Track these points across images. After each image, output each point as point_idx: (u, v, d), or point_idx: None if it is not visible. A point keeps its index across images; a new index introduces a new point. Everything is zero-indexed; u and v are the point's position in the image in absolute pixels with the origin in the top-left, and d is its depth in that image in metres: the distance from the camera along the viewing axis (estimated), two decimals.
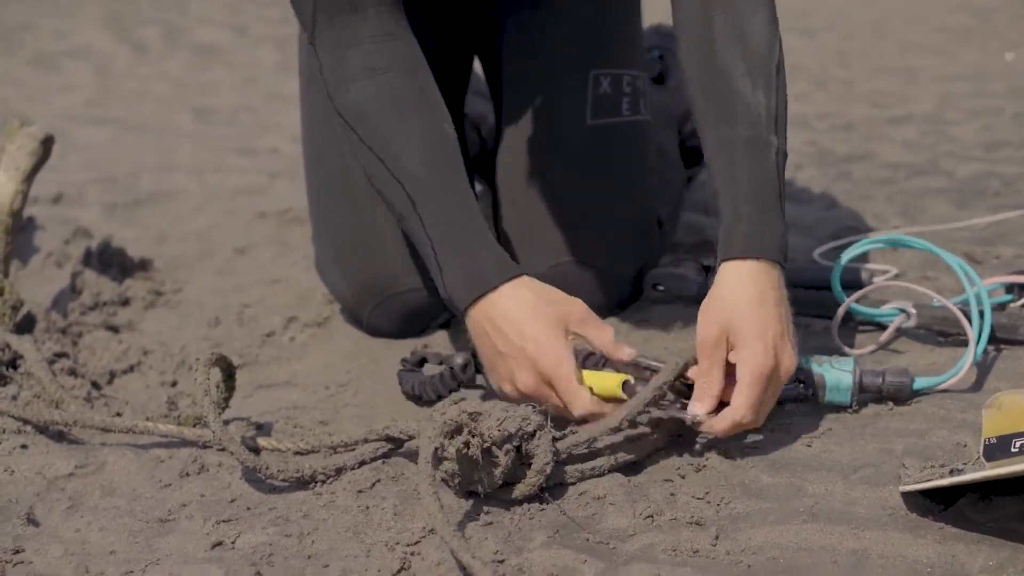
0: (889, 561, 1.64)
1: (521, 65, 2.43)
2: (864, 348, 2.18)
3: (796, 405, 2.00)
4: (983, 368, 2.09)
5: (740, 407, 1.84)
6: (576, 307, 1.93)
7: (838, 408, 1.99)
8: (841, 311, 2.18)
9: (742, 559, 1.66)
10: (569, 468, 1.84)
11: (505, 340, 1.89)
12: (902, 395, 1.98)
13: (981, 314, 2.07)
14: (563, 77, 2.41)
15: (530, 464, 1.78)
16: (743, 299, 1.87)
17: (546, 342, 1.87)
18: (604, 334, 1.92)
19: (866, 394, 1.99)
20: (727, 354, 1.86)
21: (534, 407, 1.80)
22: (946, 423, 1.93)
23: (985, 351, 2.13)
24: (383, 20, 2.02)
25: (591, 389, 1.87)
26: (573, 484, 1.84)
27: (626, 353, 1.92)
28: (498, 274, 1.92)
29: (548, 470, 1.78)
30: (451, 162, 2.01)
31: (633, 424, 1.89)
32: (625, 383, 1.89)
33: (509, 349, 1.89)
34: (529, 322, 1.88)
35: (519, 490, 1.79)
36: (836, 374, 1.97)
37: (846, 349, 2.17)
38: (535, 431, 1.77)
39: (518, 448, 1.77)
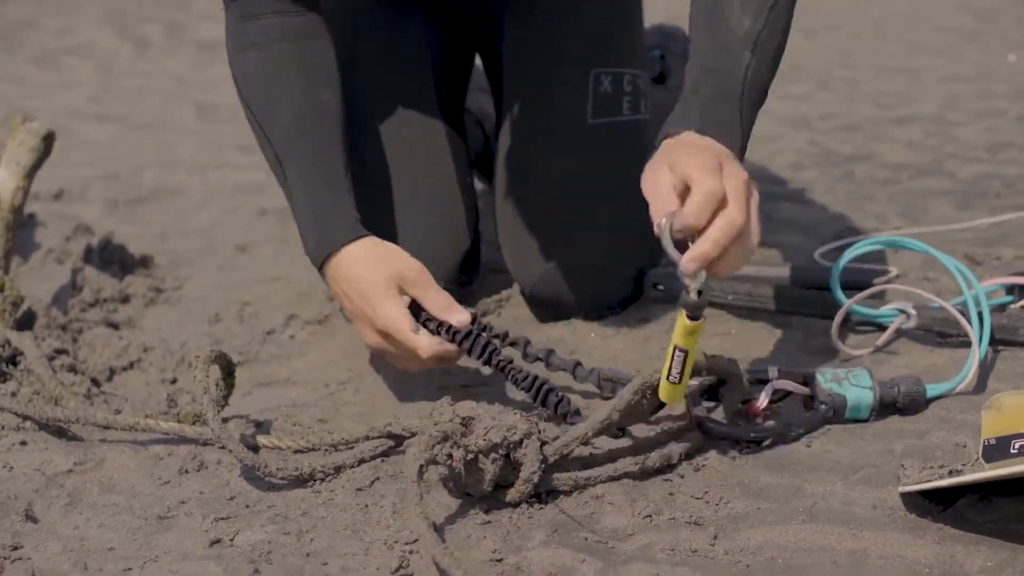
0: (888, 562, 1.64)
1: (522, 63, 2.43)
2: (864, 349, 2.18)
3: (794, 406, 1.99)
4: (983, 369, 2.09)
5: (703, 242, 1.75)
6: (410, 268, 2.02)
7: (856, 422, 1.97)
8: (842, 313, 2.18)
9: (741, 559, 1.66)
10: (561, 476, 1.81)
11: (350, 301, 2.03)
12: (917, 404, 1.98)
13: (980, 316, 2.06)
14: (564, 75, 2.40)
15: (519, 471, 1.78)
16: (688, 144, 1.83)
17: (379, 302, 1.99)
18: (437, 297, 2.01)
19: (883, 406, 1.98)
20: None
21: (522, 415, 1.79)
22: (945, 424, 1.93)
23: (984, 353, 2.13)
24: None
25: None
26: (566, 492, 1.82)
27: (457, 319, 1.99)
28: (344, 234, 2.05)
29: (535, 479, 1.77)
30: (320, 123, 2.13)
31: (616, 426, 1.88)
32: None
33: (354, 309, 2.03)
34: (365, 281, 2.00)
35: (511, 496, 1.79)
36: (856, 392, 1.95)
37: (847, 351, 2.16)
38: (522, 439, 1.76)
39: (507, 455, 1.77)
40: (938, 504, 1.73)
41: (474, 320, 2.02)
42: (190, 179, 3.48)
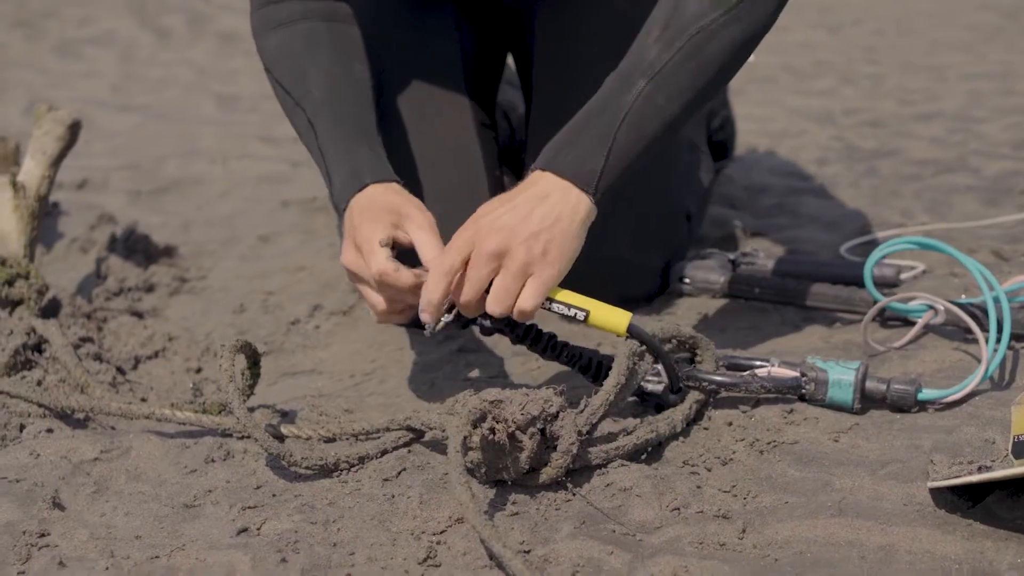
0: (916, 557, 1.63)
1: (551, 57, 2.42)
2: (893, 344, 2.17)
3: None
4: (1011, 365, 2.08)
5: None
6: (415, 207, 1.98)
7: (841, 408, 1.97)
8: (876, 309, 2.17)
9: (769, 553, 1.65)
10: (593, 450, 1.83)
11: (349, 224, 1.98)
12: (905, 404, 1.96)
13: (1000, 325, 2.04)
14: (592, 69, 2.39)
15: (555, 447, 1.78)
16: (484, 207, 1.91)
17: (367, 220, 1.94)
18: (427, 240, 1.95)
19: (870, 399, 1.97)
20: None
21: (555, 389, 1.80)
22: (974, 419, 1.92)
23: (1010, 347, 2.12)
24: None
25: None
26: (599, 467, 1.83)
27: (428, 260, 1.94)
28: (371, 174, 2.01)
29: (575, 450, 1.77)
30: (353, 90, 2.13)
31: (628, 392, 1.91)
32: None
33: (347, 230, 1.98)
34: (367, 214, 1.96)
35: (546, 474, 1.78)
36: (839, 371, 1.96)
37: (875, 347, 2.16)
38: (558, 412, 1.77)
39: (542, 431, 1.77)
40: (967, 500, 1.72)
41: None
42: (212, 169, 3.48)
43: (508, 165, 2.73)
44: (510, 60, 2.68)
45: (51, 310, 2.38)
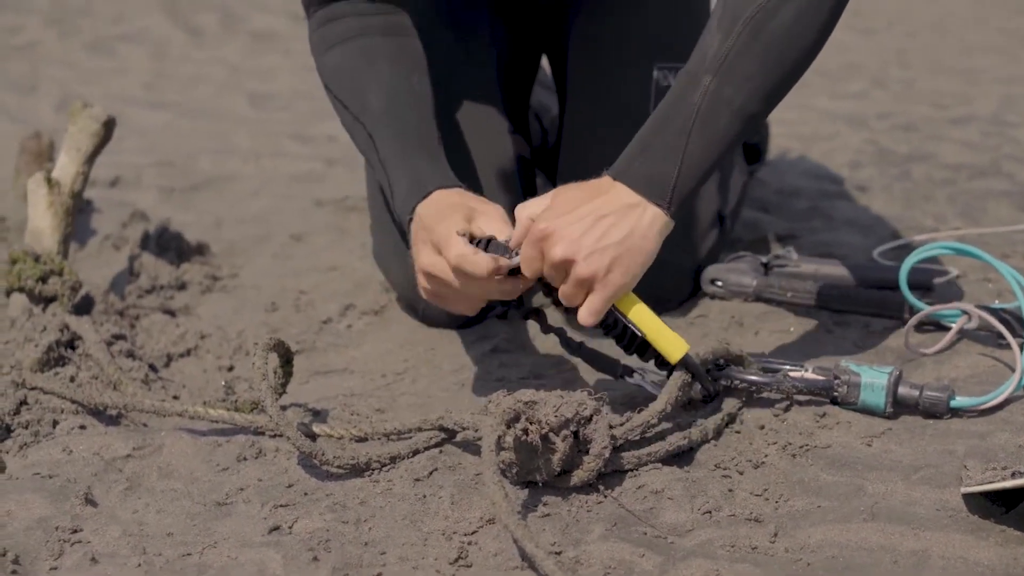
0: (950, 563, 1.63)
1: (587, 58, 2.42)
2: (926, 349, 2.16)
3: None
4: None
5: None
6: (481, 201, 1.98)
7: (873, 413, 1.96)
8: (918, 318, 2.17)
9: (801, 557, 1.65)
10: (625, 455, 1.84)
11: (420, 229, 1.96)
12: (937, 411, 1.96)
13: None
14: (627, 71, 2.40)
15: (587, 450, 1.78)
16: (564, 198, 1.91)
17: (439, 222, 1.93)
18: (492, 217, 1.96)
19: (902, 405, 1.97)
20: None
21: (589, 392, 1.80)
22: (1008, 425, 1.92)
23: None
24: (372, 2, 2.17)
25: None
26: (631, 471, 1.84)
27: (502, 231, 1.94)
28: (433, 181, 2.00)
29: (607, 454, 1.78)
30: (412, 102, 2.13)
31: (678, 408, 1.93)
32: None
33: (419, 235, 1.96)
34: (439, 214, 1.94)
35: (578, 476, 1.79)
36: (872, 375, 1.95)
37: (917, 352, 2.15)
38: (591, 415, 1.77)
39: (575, 434, 1.77)
40: (1000, 506, 1.72)
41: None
42: (244, 167, 3.48)
43: (540, 167, 2.72)
44: (544, 62, 2.68)
45: (84, 307, 2.38)
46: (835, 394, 1.97)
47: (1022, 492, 1.71)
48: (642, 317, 1.91)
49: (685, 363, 1.91)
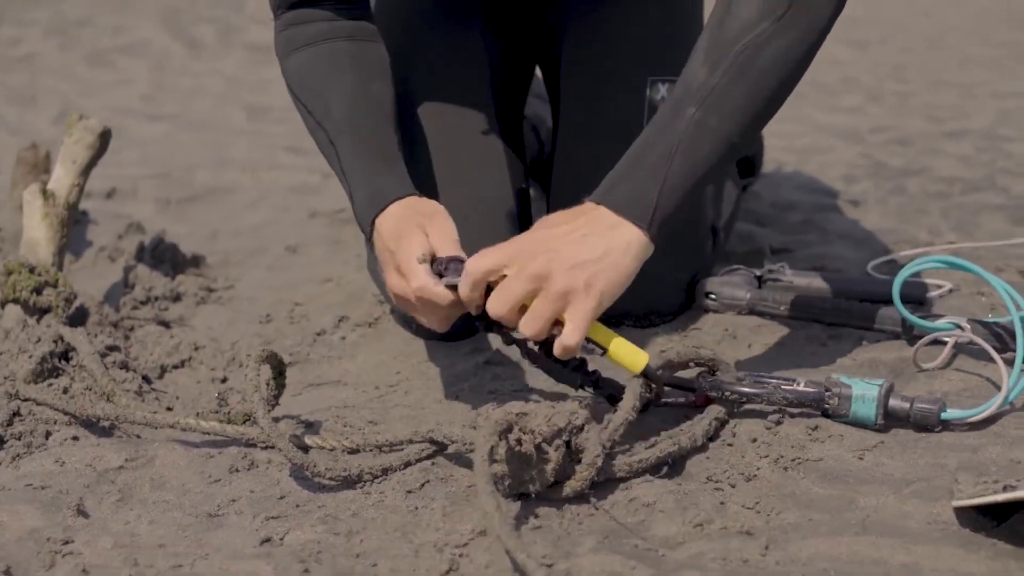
0: (941, 575, 1.63)
1: (580, 70, 2.42)
2: (928, 364, 2.16)
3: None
4: None
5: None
6: (437, 218, 1.99)
7: (863, 425, 1.96)
8: (926, 340, 2.16)
9: (792, 570, 1.65)
10: (617, 462, 1.84)
11: (384, 249, 1.99)
12: (928, 423, 1.95)
13: None
14: (620, 83, 2.40)
15: (579, 459, 1.78)
16: (545, 222, 1.93)
17: (401, 242, 1.95)
18: (444, 228, 1.97)
19: (893, 417, 1.96)
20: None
21: (580, 402, 1.80)
22: (1000, 439, 1.92)
23: None
24: (339, 9, 2.19)
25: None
26: (622, 481, 1.83)
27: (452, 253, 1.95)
28: (391, 192, 2.03)
29: (599, 462, 1.78)
30: (373, 110, 2.15)
31: (646, 407, 1.96)
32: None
33: (383, 255, 2.00)
34: (397, 230, 1.96)
35: (570, 486, 1.79)
36: (863, 387, 1.95)
37: (923, 367, 2.15)
38: (584, 424, 1.77)
39: (568, 444, 1.77)
40: (992, 519, 1.72)
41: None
42: (241, 179, 3.49)
43: (536, 179, 2.73)
44: (538, 72, 2.69)
45: (78, 318, 2.39)
46: (826, 406, 1.97)
47: (1014, 506, 1.71)
48: (600, 334, 1.92)
49: (645, 373, 1.92)
